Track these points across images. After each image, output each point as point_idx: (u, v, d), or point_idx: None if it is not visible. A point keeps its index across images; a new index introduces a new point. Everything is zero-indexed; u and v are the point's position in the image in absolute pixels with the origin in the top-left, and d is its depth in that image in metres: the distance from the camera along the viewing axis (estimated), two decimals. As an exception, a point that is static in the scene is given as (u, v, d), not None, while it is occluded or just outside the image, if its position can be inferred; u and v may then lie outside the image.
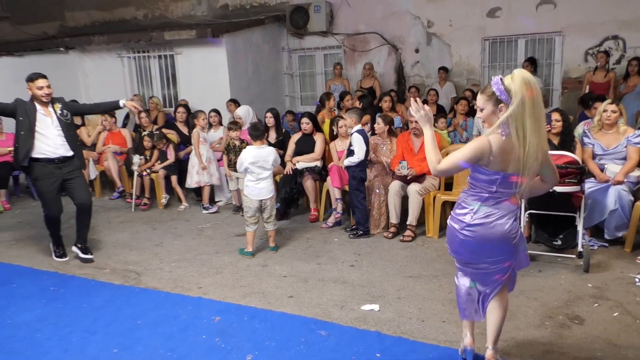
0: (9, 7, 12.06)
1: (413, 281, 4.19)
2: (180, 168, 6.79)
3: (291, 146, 6.13)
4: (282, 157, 5.91)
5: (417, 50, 9.04)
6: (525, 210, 4.42)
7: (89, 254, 4.84)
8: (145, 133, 6.91)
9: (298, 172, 5.91)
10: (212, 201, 6.60)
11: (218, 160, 6.68)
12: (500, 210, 2.60)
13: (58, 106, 4.63)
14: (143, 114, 7.25)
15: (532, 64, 7.78)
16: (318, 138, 6.08)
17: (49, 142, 4.54)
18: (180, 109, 7.45)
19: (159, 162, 6.77)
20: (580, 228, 4.24)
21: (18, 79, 8.28)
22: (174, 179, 6.72)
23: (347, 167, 5.27)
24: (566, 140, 4.76)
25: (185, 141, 7.19)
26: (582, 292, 3.87)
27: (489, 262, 2.70)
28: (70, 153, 4.65)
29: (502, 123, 2.44)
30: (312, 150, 6.02)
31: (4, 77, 8.20)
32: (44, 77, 4.56)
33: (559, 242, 4.41)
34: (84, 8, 11.30)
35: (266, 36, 9.43)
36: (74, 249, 4.87)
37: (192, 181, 6.45)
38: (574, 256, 4.28)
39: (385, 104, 7.06)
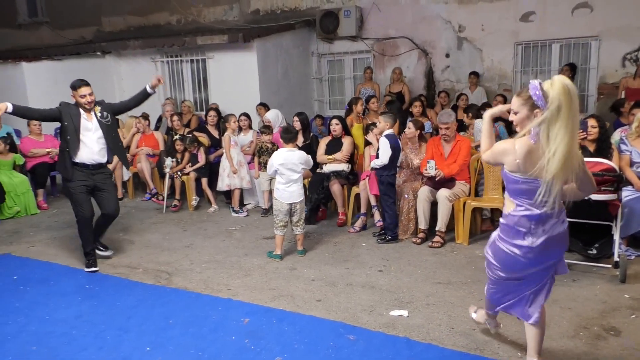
0: (48, 12, 12.53)
1: (442, 288, 4.15)
2: (210, 171, 6.89)
3: (322, 147, 6.17)
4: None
5: (447, 55, 8.97)
6: (559, 218, 4.32)
7: (94, 267, 4.76)
8: (177, 137, 7.03)
9: (325, 176, 5.93)
10: (241, 204, 6.68)
11: (248, 164, 6.76)
12: (552, 221, 2.58)
13: (97, 109, 4.71)
14: (175, 117, 7.39)
15: (572, 69, 7.57)
16: (346, 140, 6.10)
17: (88, 148, 4.61)
18: (212, 113, 7.57)
19: (189, 164, 6.88)
20: (616, 237, 4.13)
21: (58, 82, 8.64)
22: (204, 181, 6.82)
23: (376, 172, 5.26)
24: (603, 147, 4.64)
25: (215, 144, 7.30)
26: (618, 302, 3.77)
27: (542, 267, 2.71)
28: (104, 159, 4.74)
29: (534, 128, 2.41)
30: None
31: (45, 80, 8.51)
32: (87, 84, 4.63)
33: (594, 252, 4.31)
34: (120, 13, 11.60)
35: (296, 41, 9.50)
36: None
37: (223, 184, 6.52)
38: (609, 266, 4.17)
39: (416, 109, 7.02)
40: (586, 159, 4.20)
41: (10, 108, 4.41)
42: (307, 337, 3.42)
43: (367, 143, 5.97)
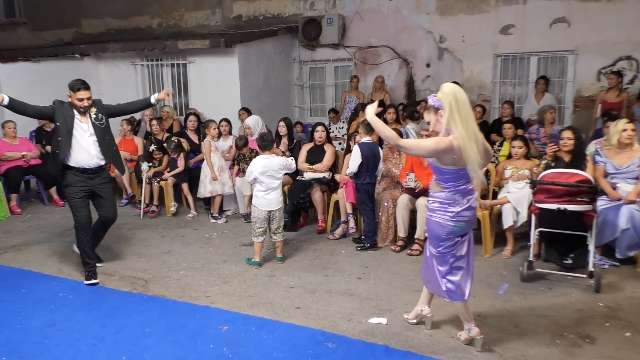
0: (26, 13, 12.29)
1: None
2: (190, 176, 6.82)
3: (303, 154, 6.17)
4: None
5: (428, 65, 9.07)
6: (536, 228, 4.39)
7: (93, 279, 4.56)
8: (154, 147, 6.89)
9: (307, 183, 5.92)
10: (221, 210, 6.62)
11: (230, 169, 6.71)
12: (473, 195, 3.18)
13: (93, 110, 4.50)
14: (154, 122, 7.32)
15: (546, 81, 7.82)
16: (328, 149, 6.11)
17: (84, 151, 4.44)
18: (192, 117, 7.50)
19: (168, 170, 6.80)
20: (591, 247, 4.21)
21: (34, 84, 8.48)
22: (185, 186, 6.74)
23: (354, 180, 5.29)
24: (577, 159, 4.73)
25: (195, 149, 7.24)
26: (593, 311, 3.84)
27: (460, 241, 3.24)
28: (102, 162, 4.57)
29: (446, 126, 3.02)
30: (321, 160, 6.04)
31: (21, 82, 8.32)
32: (87, 88, 4.41)
33: (570, 261, 4.38)
34: (100, 16, 11.45)
35: (278, 47, 9.50)
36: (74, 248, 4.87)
37: (205, 191, 6.44)
38: (584, 276, 4.24)
39: (390, 115, 7.07)
40: (562, 170, 4.33)
41: (6, 100, 4.20)
42: (286, 345, 3.40)
43: (348, 151, 5.99)
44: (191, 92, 8.97)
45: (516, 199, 4.89)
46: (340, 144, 7.71)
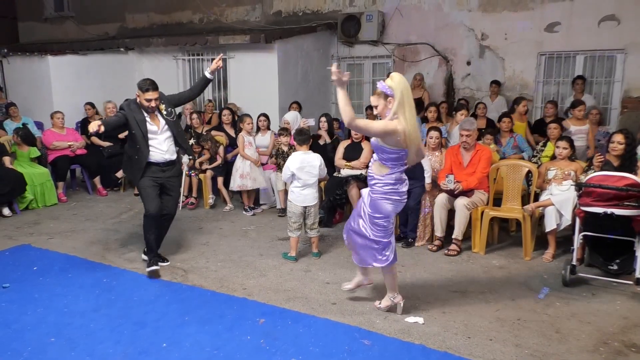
0: (74, 7, 12.70)
1: (459, 296, 4.12)
2: (227, 170, 6.92)
3: (340, 150, 6.18)
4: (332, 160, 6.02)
5: (468, 63, 8.91)
6: (580, 232, 4.27)
7: (154, 265, 4.59)
8: (192, 139, 7.02)
9: (344, 180, 5.93)
10: (256, 203, 6.70)
11: (264, 165, 6.78)
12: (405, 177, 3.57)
13: (162, 106, 4.50)
14: (195, 115, 7.45)
15: (583, 81, 7.70)
16: (365, 146, 6.09)
17: (156, 150, 4.48)
18: (225, 112, 7.57)
19: (208, 162, 6.93)
20: (639, 253, 4.06)
21: (81, 76, 8.77)
22: (220, 180, 6.86)
23: (413, 182, 5.33)
24: (628, 164, 4.55)
25: (233, 143, 7.34)
26: (639, 319, 3.70)
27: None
28: (174, 157, 4.62)
29: (393, 112, 3.30)
30: (359, 157, 6.03)
31: (69, 74, 8.64)
32: (155, 89, 4.40)
33: (615, 267, 4.25)
34: (144, 10, 11.72)
35: (317, 43, 9.51)
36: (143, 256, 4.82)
37: (234, 184, 6.56)
38: (631, 282, 4.10)
39: (431, 114, 6.99)
40: (610, 173, 4.19)
41: (102, 129, 4.15)
42: (322, 340, 3.42)
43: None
44: (230, 86, 9.09)
45: (560, 202, 4.76)
46: (377, 141, 7.67)
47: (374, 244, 3.65)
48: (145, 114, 4.46)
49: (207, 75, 4.74)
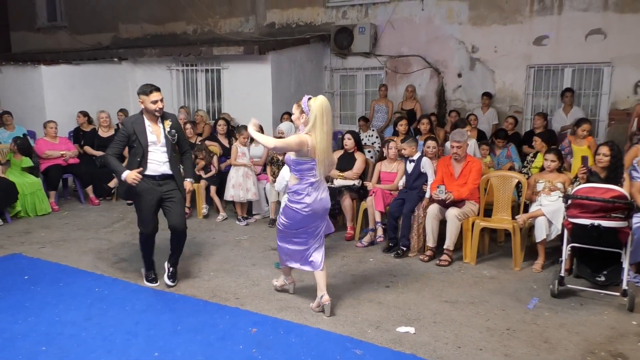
0: (67, 17, 12.74)
1: (449, 306, 4.16)
2: (221, 179, 6.95)
3: (332, 161, 6.22)
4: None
5: (459, 75, 9.03)
6: (568, 243, 4.34)
7: (172, 281, 4.52)
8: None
9: (337, 190, 5.97)
10: (249, 213, 6.73)
11: (258, 175, 6.82)
12: (321, 188, 3.91)
13: (168, 123, 4.37)
14: (188, 125, 7.48)
15: (572, 94, 7.84)
16: (359, 157, 6.15)
17: (155, 160, 4.32)
18: (221, 122, 7.63)
19: (203, 172, 6.95)
20: (625, 265, 4.12)
21: (75, 86, 8.79)
22: (212, 189, 6.88)
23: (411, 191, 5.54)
24: (614, 176, 4.62)
25: (227, 153, 7.37)
26: (626, 329, 3.77)
27: (314, 225, 3.98)
28: (170, 172, 4.39)
29: (305, 127, 3.79)
30: (351, 168, 6.08)
31: (62, 84, 8.65)
32: (158, 90, 4.26)
33: (603, 279, 4.29)
34: (137, 21, 11.78)
35: (310, 55, 9.61)
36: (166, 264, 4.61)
37: (227, 194, 6.60)
38: (618, 294, 4.16)
39: (423, 126, 7.08)
40: (597, 185, 4.26)
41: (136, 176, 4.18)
42: (314, 350, 3.44)
43: (381, 158, 6.04)
44: (224, 97, 9.15)
45: (551, 212, 4.83)
46: (369, 152, 7.75)
47: (297, 250, 4.08)
48: (147, 124, 4.32)
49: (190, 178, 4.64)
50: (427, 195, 5.45)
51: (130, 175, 4.16)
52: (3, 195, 6.32)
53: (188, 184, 4.62)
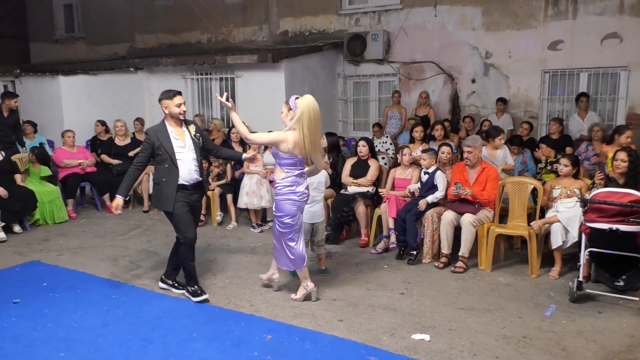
0: (84, 28, 12.98)
1: (465, 313, 4.13)
2: (235, 187, 7.00)
3: (347, 168, 6.23)
4: (331, 178, 6.03)
5: (473, 81, 8.99)
6: (586, 248, 4.28)
7: (200, 296, 4.37)
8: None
9: (351, 197, 5.97)
10: (263, 220, 6.75)
11: (271, 182, 6.85)
12: (304, 177, 4.23)
13: (193, 128, 4.37)
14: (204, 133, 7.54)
15: (587, 98, 7.78)
16: (372, 163, 6.14)
17: (185, 167, 4.27)
18: (234, 130, 7.68)
19: (216, 180, 7.01)
20: (645, 270, 4.06)
21: (92, 96, 8.93)
22: (229, 197, 6.92)
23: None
24: (633, 181, 4.56)
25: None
26: (646, 337, 3.70)
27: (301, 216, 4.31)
28: (200, 177, 4.41)
29: (292, 124, 4.02)
30: (365, 175, 6.08)
31: (80, 94, 8.79)
32: (180, 93, 4.27)
33: (621, 283, 4.23)
34: (152, 31, 11.95)
35: (323, 62, 9.65)
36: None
37: (241, 202, 6.64)
38: (637, 299, 4.10)
39: (437, 132, 7.05)
40: (614, 189, 4.21)
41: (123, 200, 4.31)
42: (329, 357, 3.44)
43: (395, 164, 6.04)
44: (238, 105, 9.20)
45: (567, 218, 4.78)
46: (383, 158, 7.74)
47: (283, 248, 4.31)
48: (170, 129, 4.29)
49: (243, 157, 4.72)
50: (440, 194, 5.43)
51: (117, 201, 4.31)
52: (22, 204, 6.43)
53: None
